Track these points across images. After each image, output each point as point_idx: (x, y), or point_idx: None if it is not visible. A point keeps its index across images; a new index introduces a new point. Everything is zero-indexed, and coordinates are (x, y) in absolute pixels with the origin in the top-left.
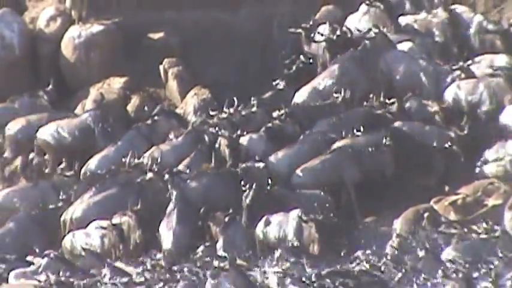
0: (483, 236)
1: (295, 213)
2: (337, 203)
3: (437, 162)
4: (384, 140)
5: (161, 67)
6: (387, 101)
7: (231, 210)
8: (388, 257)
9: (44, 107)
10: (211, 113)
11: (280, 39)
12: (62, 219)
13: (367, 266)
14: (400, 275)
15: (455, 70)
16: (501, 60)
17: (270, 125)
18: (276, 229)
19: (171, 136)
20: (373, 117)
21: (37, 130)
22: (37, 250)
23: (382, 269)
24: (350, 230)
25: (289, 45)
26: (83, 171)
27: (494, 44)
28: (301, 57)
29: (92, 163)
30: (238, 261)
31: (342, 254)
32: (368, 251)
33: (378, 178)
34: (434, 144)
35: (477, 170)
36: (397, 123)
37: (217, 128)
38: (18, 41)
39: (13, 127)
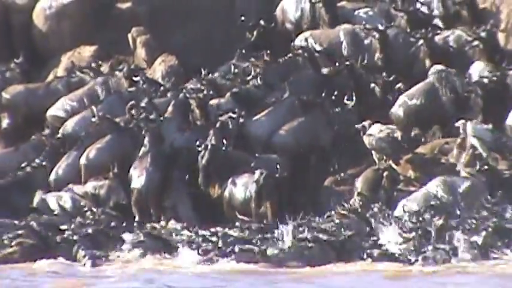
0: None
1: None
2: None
3: None
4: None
5: (130, 35)
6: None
7: None
8: (350, 215)
9: (15, 78)
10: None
11: (243, 7)
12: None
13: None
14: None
15: (418, 39)
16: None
17: (236, 89)
18: (241, 190)
19: None
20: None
21: (46, 110)
22: None
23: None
24: (310, 191)
25: (252, 12)
26: (59, 133)
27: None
28: (261, 22)
29: (69, 125)
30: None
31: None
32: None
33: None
34: None
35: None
36: None
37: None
38: None
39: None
